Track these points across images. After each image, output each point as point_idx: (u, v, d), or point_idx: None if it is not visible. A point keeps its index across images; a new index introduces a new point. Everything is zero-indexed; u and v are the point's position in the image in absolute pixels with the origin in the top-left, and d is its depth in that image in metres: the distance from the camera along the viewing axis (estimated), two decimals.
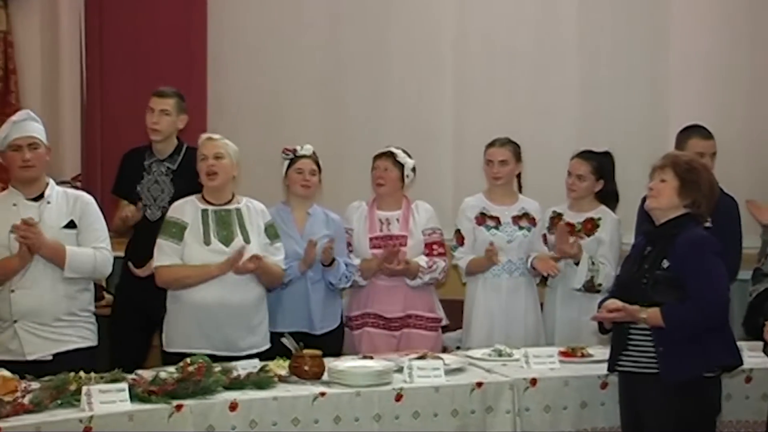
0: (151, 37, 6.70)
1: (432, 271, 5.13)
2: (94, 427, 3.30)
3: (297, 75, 6.84)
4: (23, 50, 6.58)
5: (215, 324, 4.47)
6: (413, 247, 5.14)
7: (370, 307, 5.15)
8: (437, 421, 3.86)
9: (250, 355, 4.28)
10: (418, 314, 5.15)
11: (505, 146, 5.26)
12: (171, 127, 5.11)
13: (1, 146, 4.30)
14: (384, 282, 5.13)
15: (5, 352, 4.18)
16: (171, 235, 4.54)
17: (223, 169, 4.57)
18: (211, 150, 4.58)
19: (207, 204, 4.60)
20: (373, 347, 4.96)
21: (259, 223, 4.63)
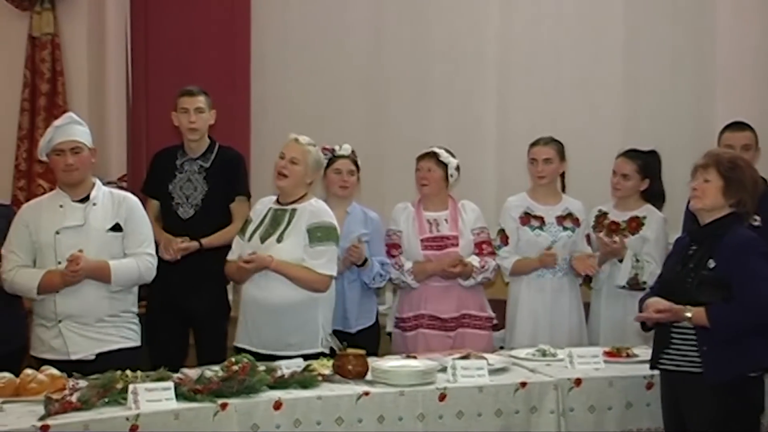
0: (195, 38, 6.74)
1: (484, 271, 5.13)
2: (141, 425, 3.32)
3: (340, 75, 6.85)
4: (70, 52, 6.64)
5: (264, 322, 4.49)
6: (464, 247, 5.13)
7: (423, 309, 5.13)
8: (481, 421, 3.85)
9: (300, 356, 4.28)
10: (472, 314, 5.14)
11: (549, 145, 5.23)
12: (206, 124, 5.14)
13: (45, 150, 4.35)
14: (437, 283, 5.12)
15: (50, 351, 4.23)
16: (242, 231, 4.67)
17: (293, 173, 4.57)
18: (289, 152, 4.59)
19: (277, 203, 4.65)
20: (428, 348, 4.92)
21: (302, 225, 4.57)
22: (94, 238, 4.25)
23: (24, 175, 6.56)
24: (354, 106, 6.81)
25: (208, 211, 5.03)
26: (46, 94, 6.56)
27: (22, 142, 6.57)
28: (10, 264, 4.27)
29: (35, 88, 6.59)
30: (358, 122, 6.67)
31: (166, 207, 5.14)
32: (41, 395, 3.41)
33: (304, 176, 4.61)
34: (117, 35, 6.71)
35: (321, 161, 4.71)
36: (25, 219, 4.33)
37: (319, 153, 4.68)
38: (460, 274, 5.07)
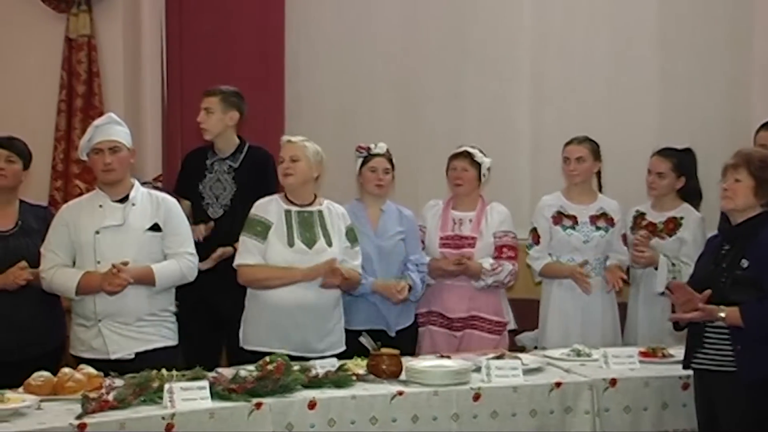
0: (229, 39, 6.77)
1: (495, 274, 5.07)
2: (176, 424, 3.35)
3: (374, 75, 6.86)
4: (106, 54, 6.69)
5: (291, 325, 4.48)
6: (481, 249, 5.11)
7: (434, 306, 5.15)
8: (515, 421, 3.84)
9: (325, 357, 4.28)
10: (482, 316, 5.11)
11: (583, 144, 5.21)
12: (218, 125, 5.12)
13: (85, 149, 4.38)
14: (451, 282, 5.12)
15: (89, 350, 4.26)
16: (256, 234, 4.54)
17: (298, 171, 4.56)
18: (287, 152, 4.59)
19: (290, 204, 4.61)
20: (433, 346, 4.98)
21: (340, 227, 4.62)
22: (133, 237, 4.29)
23: (61, 176, 6.62)
24: (387, 105, 6.81)
25: (236, 211, 5.03)
26: (82, 96, 6.62)
27: (59, 143, 6.64)
28: (50, 263, 4.30)
29: (72, 89, 6.65)
30: (391, 121, 6.67)
31: (196, 207, 5.16)
32: (78, 394, 3.44)
33: (309, 170, 4.58)
34: (152, 36, 6.75)
35: (321, 153, 4.64)
36: (65, 219, 4.36)
37: (316, 146, 4.64)
38: (462, 271, 5.04)
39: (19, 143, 4.59)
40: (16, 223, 4.50)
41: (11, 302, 4.38)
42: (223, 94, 5.13)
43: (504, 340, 5.17)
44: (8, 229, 4.47)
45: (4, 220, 4.49)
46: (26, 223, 4.51)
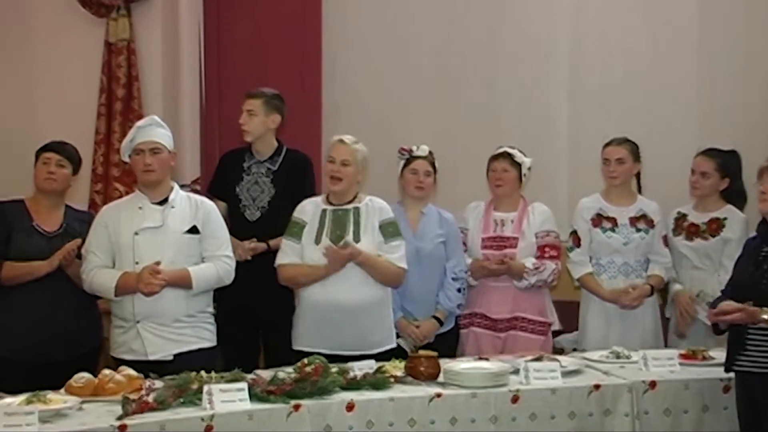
0: (267, 42, 6.80)
1: (539, 273, 5.06)
2: (216, 425, 3.36)
3: (411, 76, 6.85)
4: (145, 57, 6.74)
5: (331, 324, 4.50)
6: (524, 249, 5.10)
7: (478, 307, 5.13)
8: (554, 423, 3.82)
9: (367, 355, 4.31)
10: (526, 317, 5.09)
11: (622, 145, 5.17)
12: (260, 127, 5.14)
13: (127, 150, 4.42)
14: (494, 283, 5.10)
15: (128, 352, 4.30)
16: (292, 234, 4.63)
17: (347, 175, 4.59)
18: (339, 155, 4.61)
19: (328, 204, 4.65)
20: (477, 347, 4.96)
21: (374, 222, 4.62)
22: (171, 239, 4.32)
23: (101, 179, 6.67)
24: (424, 107, 6.81)
25: (274, 214, 5.06)
26: (122, 99, 6.67)
27: (98, 146, 6.69)
28: (90, 264, 4.35)
29: (111, 93, 6.70)
30: (428, 123, 6.66)
31: (233, 209, 5.17)
32: (119, 395, 3.46)
33: (356, 175, 4.64)
34: (190, 40, 6.79)
35: (367, 156, 4.68)
36: (105, 220, 4.41)
37: (364, 148, 4.67)
38: (505, 271, 5.02)
39: (70, 148, 4.68)
40: (61, 225, 4.56)
41: (49, 304, 4.44)
42: (266, 97, 5.15)
43: (549, 340, 5.16)
44: (54, 230, 4.54)
45: (50, 222, 4.57)
46: (71, 227, 4.59)
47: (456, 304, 4.97)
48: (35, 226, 4.50)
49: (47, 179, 4.57)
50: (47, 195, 4.61)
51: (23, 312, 4.44)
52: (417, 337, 4.84)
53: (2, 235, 4.49)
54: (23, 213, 4.56)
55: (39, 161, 4.60)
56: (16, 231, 4.50)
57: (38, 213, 4.58)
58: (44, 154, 4.60)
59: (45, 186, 4.58)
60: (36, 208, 4.60)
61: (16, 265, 4.45)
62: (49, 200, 4.61)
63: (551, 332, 5.21)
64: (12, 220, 4.52)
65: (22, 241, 4.47)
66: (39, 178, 4.59)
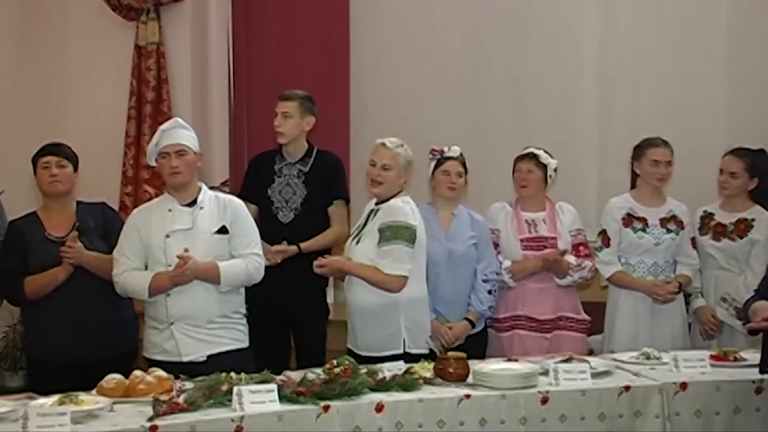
0: (294, 44, 6.84)
1: (581, 270, 5.06)
2: (246, 426, 3.37)
3: (438, 77, 6.86)
4: (175, 61, 6.78)
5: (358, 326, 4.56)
6: (563, 247, 5.07)
7: (520, 310, 5.08)
8: (584, 425, 3.80)
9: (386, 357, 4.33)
10: (569, 316, 5.09)
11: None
12: (295, 130, 5.14)
13: (153, 154, 4.44)
14: (535, 284, 5.07)
15: (162, 353, 4.32)
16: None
17: (387, 179, 4.62)
18: (380, 158, 4.63)
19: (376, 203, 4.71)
20: (524, 350, 4.90)
21: (376, 225, 4.62)
22: (201, 240, 4.33)
23: (131, 181, 6.72)
24: (452, 108, 6.81)
25: (307, 215, 5.08)
26: (151, 102, 6.72)
27: (128, 149, 6.74)
28: (122, 267, 4.37)
29: (141, 96, 6.75)
30: (456, 124, 6.67)
31: (265, 211, 5.18)
32: (149, 396, 3.48)
33: (398, 179, 4.65)
34: (219, 43, 6.83)
35: (411, 159, 4.69)
36: (136, 223, 4.43)
37: (408, 151, 4.68)
38: (559, 265, 5.01)
39: (65, 148, 4.65)
40: (72, 226, 4.56)
41: (83, 306, 4.46)
42: (301, 99, 5.15)
43: (586, 338, 5.16)
44: (65, 234, 4.53)
45: (61, 226, 4.57)
46: (83, 224, 4.58)
47: (487, 306, 4.96)
48: (47, 235, 4.51)
49: (52, 182, 4.55)
50: (55, 199, 4.59)
51: (57, 314, 4.46)
52: (449, 338, 4.83)
53: (19, 252, 4.51)
54: (36, 225, 4.57)
55: (38, 167, 4.57)
56: (30, 245, 4.51)
57: (49, 220, 4.59)
58: (42, 159, 4.57)
59: (51, 189, 4.57)
60: (47, 216, 4.60)
61: (36, 277, 4.47)
62: (58, 203, 4.60)
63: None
64: (26, 235, 4.53)
65: (37, 254, 4.48)
66: (43, 183, 4.57)
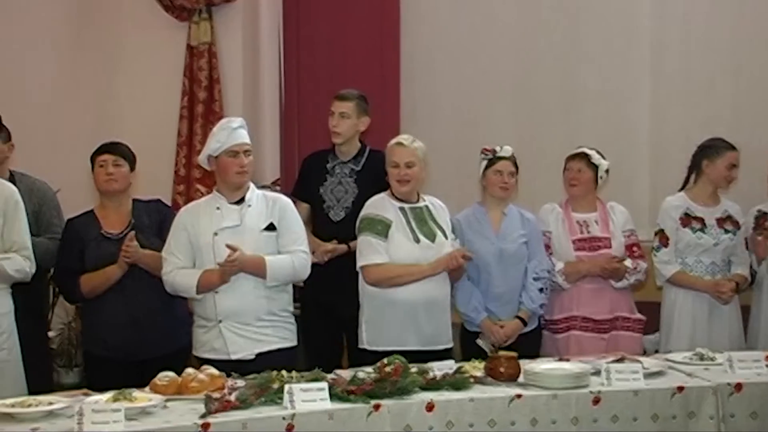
0: (345, 44, 6.85)
1: (637, 273, 5.04)
2: (296, 424, 3.38)
3: (489, 75, 6.84)
4: (226, 60, 6.83)
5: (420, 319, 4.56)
6: (616, 249, 5.05)
7: (576, 310, 5.05)
8: (637, 425, 3.77)
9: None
10: (625, 316, 5.05)
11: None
12: (351, 130, 5.15)
13: (216, 152, 4.43)
14: (590, 285, 5.04)
15: (211, 351, 4.35)
16: (377, 233, 4.62)
17: (414, 176, 4.63)
18: (402, 158, 4.64)
19: (400, 202, 4.68)
20: (580, 350, 4.86)
21: (446, 220, 4.73)
22: (249, 238, 4.35)
23: (183, 180, 6.78)
24: (503, 107, 6.79)
25: (358, 214, 5.08)
26: (203, 102, 6.77)
27: (181, 148, 6.79)
28: (170, 266, 4.41)
29: (193, 95, 6.80)
30: (507, 123, 6.64)
31: (317, 210, 5.20)
32: (202, 394, 3.51)
33: (421, 173, 4.69)
34: (270, 43, 6.87)
35: (426, 151, 4.71)
36: (184, 222, 4.46)
37: (422, 144, 4.69)
38: (618, 271, 4.98)
39: (122, 147, 4.71)
40: (128, 224, 4.62)
41: (138, 303, 4.51)
42: (358, 99, 5.16)
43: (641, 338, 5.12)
44: (121, 231, 4.59)
45: (118, 224, 4.62)
46: (138, 221, 4.63)
47: (539, 304, 4.94)
48: (103, 233, 4.55)
49: (108, 181, 4.61)
50: (111, 197, 4.65)
51: (113, 311, 4.51)
52: (501, 337, 4.82)
53: (75, 250, 4.57)
54: (93, 223, 4.62)
55: (95, 165, 4.63)
56: (87, 243, 4.56)
57: (106, 218, 4.64)
58: (99, 157, 4.63)
59: (107, 188, 4.62)
60: (103, 214, 4.65)
61: (91, 276, 4.53)
62: (114, 202, 4.66)
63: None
64: (83, 233, 4.59)
65: (93, 252, 4.54)
66: (99, 181, 4.63)
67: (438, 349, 4.45)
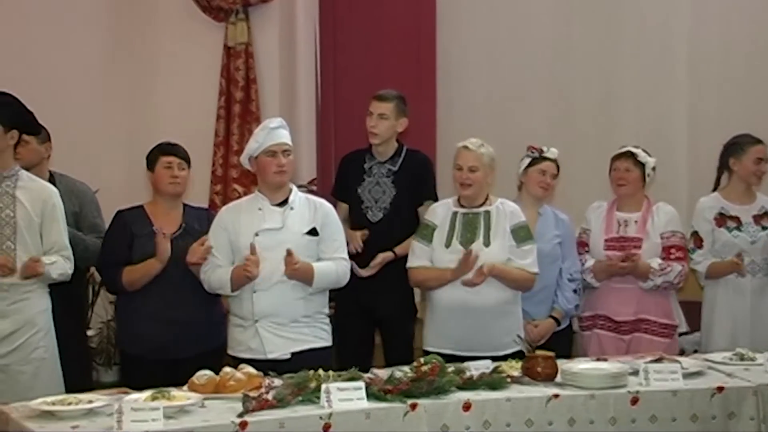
0: (381, 43, 6.85)
1: (665, 274, 4.95)
2: (333, 423, 3.38)
3: (526, 74, 6.82)
4: (263, 60, 6.85)
5: (457, 324, 4.53)
6: (648, 250, 4.99)
7: (600, 309, 5.05)
8: (675, 426, 3.74)
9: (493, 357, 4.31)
10: (651, 319, 4.99)
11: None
12: (389, 131, 5.15)
13: (255, 152, 4.44)
14: (617, 284, 5.01)
15: (247, 350, 4.36)
16: (423, 237, 4.67)
17: (476, 181, 4.60)
18: (466, 161, 4.62)
19: (459, 206, 4.67)
20: (601, 350, 4.88)
21: (505, 226, 4.62)
22: (291, 241, 4.34)
23: (220, 180, 6.81)
24: (540, 105, 6.76)
25: (396, 214, 5.08)
26: (240, 102, 6.80)
27: (218, 148, 6.82)
28: (209, 265, 4.44)
29: (230, 95, 6.83)
30: (543, 122, 6.62)
31: (355, 210, 5.20)
32: (239, 393, 3.52)
33: (486, 178, 4.64)
34: (307, 44, 6.89)
35: (494, 156, 4.67)
36: (224, 222, 4.48)
37: (489, 149, 4.66)
38: (636, 268, 4.93)
39: (183, 149, 4.74)
40: (180, 226, 4.66)
41: (176, 302, 4.54)
42: (397, 100, 5.15)
43: (675, 343, 5.05)
44: (173, 231, 4.62)
45: (169, 224, 4.64)
46: (189, 225, 4.67)
47: (573, 305, 4.94)
48: (155, 230, 4.59)
49: (173, 183, 4.64)
50: (169, 198, 4.68)
51: (150, 309, 4.54)
52: (535, 336, 4.81)
53: (125, 241, 4.60)
54: (143, 218, 4.65)
55: (159, 165, 4.65)
56: (138, 237, 4.59)
57: (157, 216, 4.66)
58: (165, 158, 4.65)
59: (170, 190, 4.65)
60: (155, 212, 4.68)
61: (133, 268, 4.55)
62: (170, 203, 4.69)
63: (677, 334, 5.10)
64: (133, 227, 4.62)
65: (144, 246, 4.56)
66: (163, 182, 4.64)
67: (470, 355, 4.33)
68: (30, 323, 4.35)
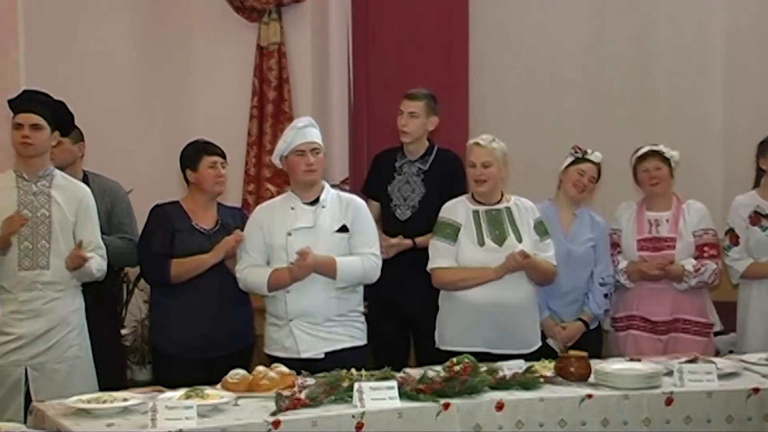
0: (414, 42, 6.84)
1: (699, 275, 4.92)
2: (366, 423, 3.39)
3: (559, 73, 6.79)
4: (295, 60, 6.86)
5: (487, 322, 4.52)
6: (682, 250, 4.96)
7: (636, 310, 5.01)
8: (710, 427, 3.71)
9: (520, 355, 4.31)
10: (687, 318, 4.96)
11: None
12: (420, 129, 5.15)
13: (284, 152, 4.47)
14: (652, 285, 4.97)
15: (281, 350, 4.38)
16: (446, 236, 4.64)
17: (491, 176, 4.60)
18: (479, 158, 4.62)
19: (477, 204, 4.65)
20: (637, 350, 4.84)
21: (528, 221, 4.65)
22: (323, 238, 4.37)
23: (253, 180, 6.83)
24: (573, 105, 6.73)
25: (425, 213, 5.07)
26: (273, 101, 6.82)
27: (251, 147, 6.85)
28: (244, 264, 4.46)
29: (263, 95, 6.85)
30: (577, 121, 6.59)
31: (385, 208, 5.21)
32: (272, 391, 3.54)
33: (500, 173, 4.64)
34: (339, 43, 6.89)
35: (506, 151, 4.67)
36: (259, 221, 4.50)
37: (501, 144, 4.66)
38: (671, 272, 4.90)
39: (221, 147, 4.77)
40: (217, 222, 4.69)
41: (210, 301, 4.56)
42: (427, 99, 5.16)
43: (711, 342, 5.02)
44: (211, 227, 4.67)
45: (207, 220, 4.69)
46: (225, 222, 4.70)
47: (603, 309, 4.94)
48: (195, 225, 4.63)
49: (219, 182, 4.68)
50: (209, 196, 4.71)
51: (186, 308, 4.56)
52: (562, 338, 4.80)
53: (167, 235, 4.62)
54: (181, 213, 4.68)
55: (203, 164, 4.66)
56: (179, 231, 4.63)
57: (195, 213, 4.69)
58: (210, 157, 4.67)
59: (216, 189, 4.69)
60: (192, 208, 4.71)
61: (183, 260, 4.57)
62: (209, 200, 4.72)
63: (713, 333, 5.06)
64: (173, 221, 4.66)
65: (185, 241, 4.59)
66: (209, 181, 4.66)
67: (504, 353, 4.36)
68: (64, 322, 4.39)
